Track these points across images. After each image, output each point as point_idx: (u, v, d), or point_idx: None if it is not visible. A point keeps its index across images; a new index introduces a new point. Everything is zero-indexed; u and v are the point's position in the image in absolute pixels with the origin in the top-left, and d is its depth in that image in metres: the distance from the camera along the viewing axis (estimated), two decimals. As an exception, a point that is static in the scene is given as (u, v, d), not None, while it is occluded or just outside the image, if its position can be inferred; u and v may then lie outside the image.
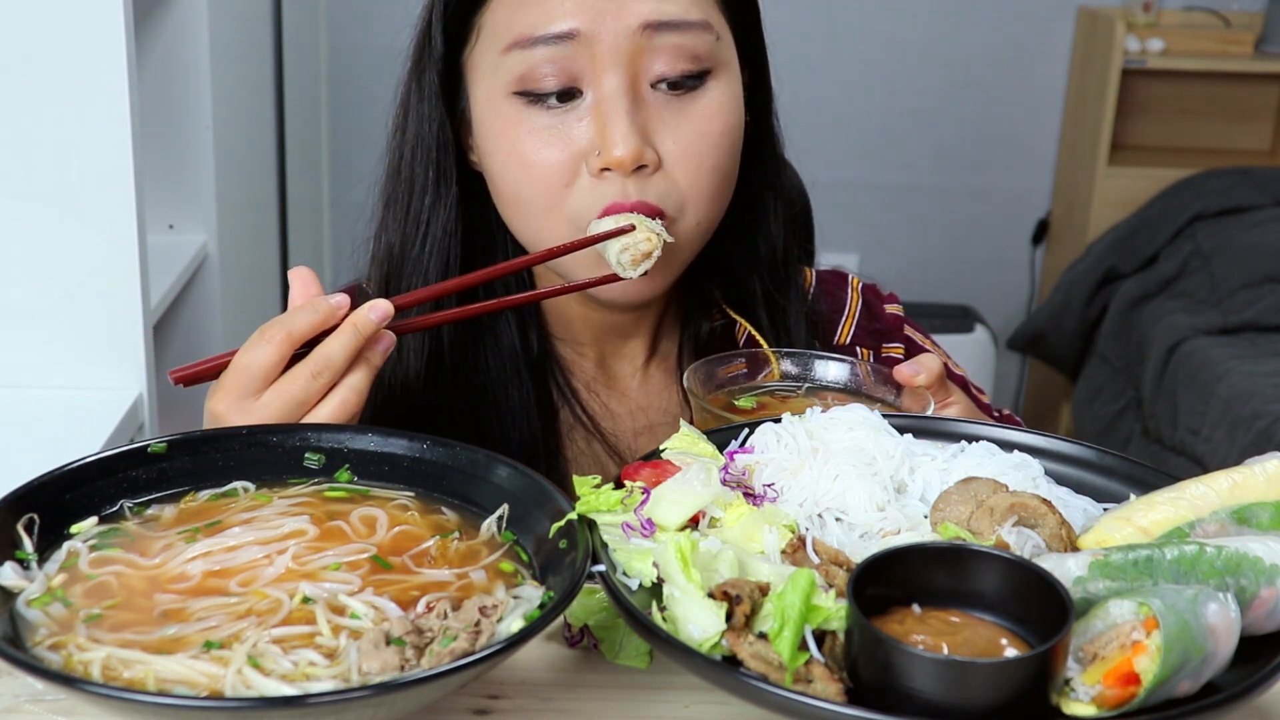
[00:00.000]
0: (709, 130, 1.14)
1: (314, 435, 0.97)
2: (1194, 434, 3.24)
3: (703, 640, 0.76)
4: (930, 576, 0.77)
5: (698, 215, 1.16)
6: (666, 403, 1.30)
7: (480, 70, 1.17)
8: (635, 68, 1.11)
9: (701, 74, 1.14)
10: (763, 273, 1.29)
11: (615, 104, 1.10)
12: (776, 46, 1.27)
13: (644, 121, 1.12)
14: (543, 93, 1.12)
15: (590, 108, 1.12)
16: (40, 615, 0.80)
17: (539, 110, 1.12)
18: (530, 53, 1.11)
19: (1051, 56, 4.09)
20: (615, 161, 1.10)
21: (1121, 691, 0.71)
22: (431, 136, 1.20)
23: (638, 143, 1.10)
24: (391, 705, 0.73)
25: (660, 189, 1.13)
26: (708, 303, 1.30)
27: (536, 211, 1.15)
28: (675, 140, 1.13)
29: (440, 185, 1.21)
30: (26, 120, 1.75)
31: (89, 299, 1.82)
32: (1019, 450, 0.98)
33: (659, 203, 1.13)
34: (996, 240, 4.24)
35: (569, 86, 1.12)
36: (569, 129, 1.12)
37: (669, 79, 1.12)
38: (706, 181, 1.15)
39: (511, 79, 1.13)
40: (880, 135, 4.10)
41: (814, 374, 1.17)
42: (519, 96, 1.13)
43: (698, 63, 1.13)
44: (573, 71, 1.11)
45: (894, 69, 4.05)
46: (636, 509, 0.87)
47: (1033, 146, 4.18)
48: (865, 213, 4.11)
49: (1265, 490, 0.86)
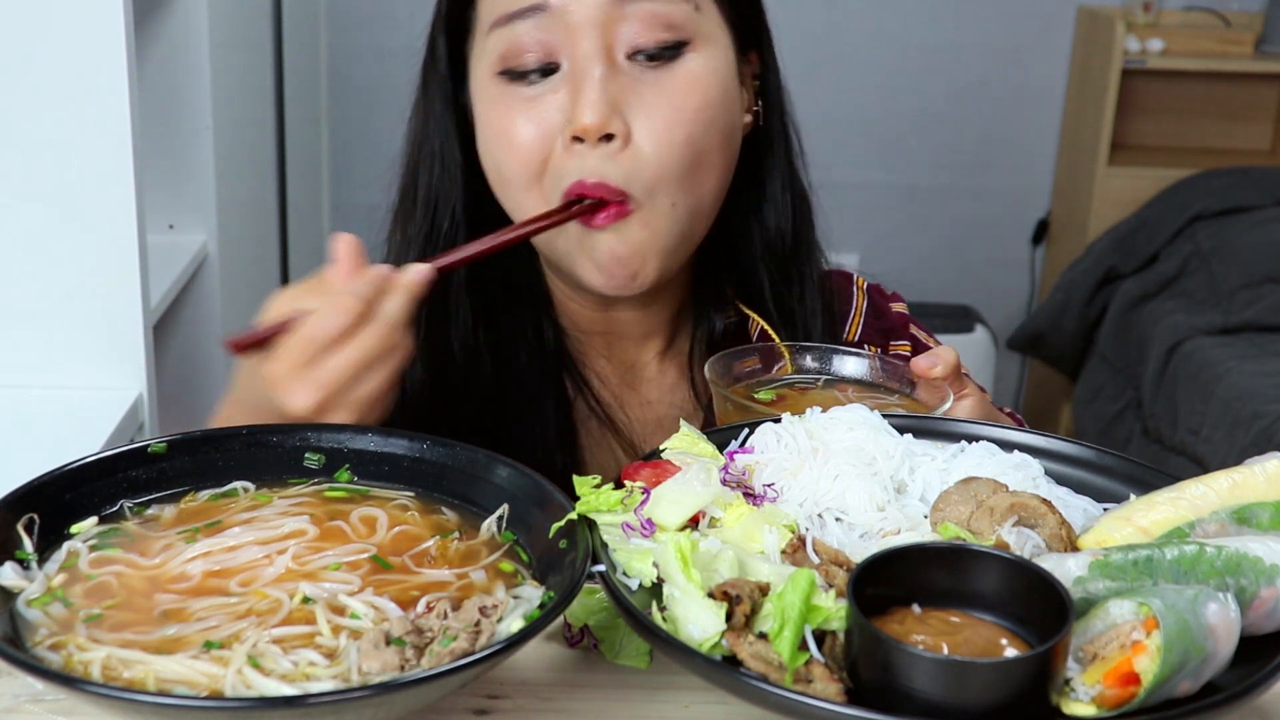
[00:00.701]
0: (683, 103, 1.11)
1: (314, 435, 0.97)
2: (1194, 434, 3.24)
3: (703, 640, 0.76)
4: (930, 576, 0.77)
5: (671, 196, 1.13)
6: (680, 398, 1.30)
7: (473, 57, 1.18)
8: (609, 37, 1.10)
9: (678, 45, 1.12)
10: (769, 266, 1.28)
11: (586, 72, 1.10)
12: (775, 46, 1.26)
13: (616, 92, 1.10)
14: (523, 69, 1.12)
15: (565, 79, 1.12)
16: (40, 615, 0.80)
17: (521, 86, 1.13)
18: (509, 29, 1.12)
19: (1051, 56, 4.09)
20: (582, 129, 1.09)
21: (1121, 691, 0.71)
22: (438, 137, 1.23)
23: (606, 110, 1.09)
24: (391, 705, 0.73)
25: (627, 167, 1.10)
26: (721, 298, 1.30)
27: (518, 189, 1.15)
28: (647, 113, 1.11)
29: (444, 183, 1.24)
30: (26, 120, 1.75)
31: (89, 299, 1.82)
32: (1019, 450, 0.98)
33: (623, 183, 1.10)
34: (996, 240, 4.24)
35: (547, 62, 1.12)
36: (545, 102, 1.12)
37: (644, 49, 1.11)
38: (678, 158, 1.11)
39: (495, 59, 1.14)
40: (880, 135, 4.10)
41: (832, 367, 1.17)
42: (502, 76, 1.14)
43: (673, 32, 1.11)
44: (550, 45, 1.11)
45: (894, 69, 4.05)
46: (636, 509, 0.87)
47: (1033, 146, 4.18)
48: (865, 213, 4.11)
49: (1265, 490, 0.86)
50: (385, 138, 1.27)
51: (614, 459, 1.26)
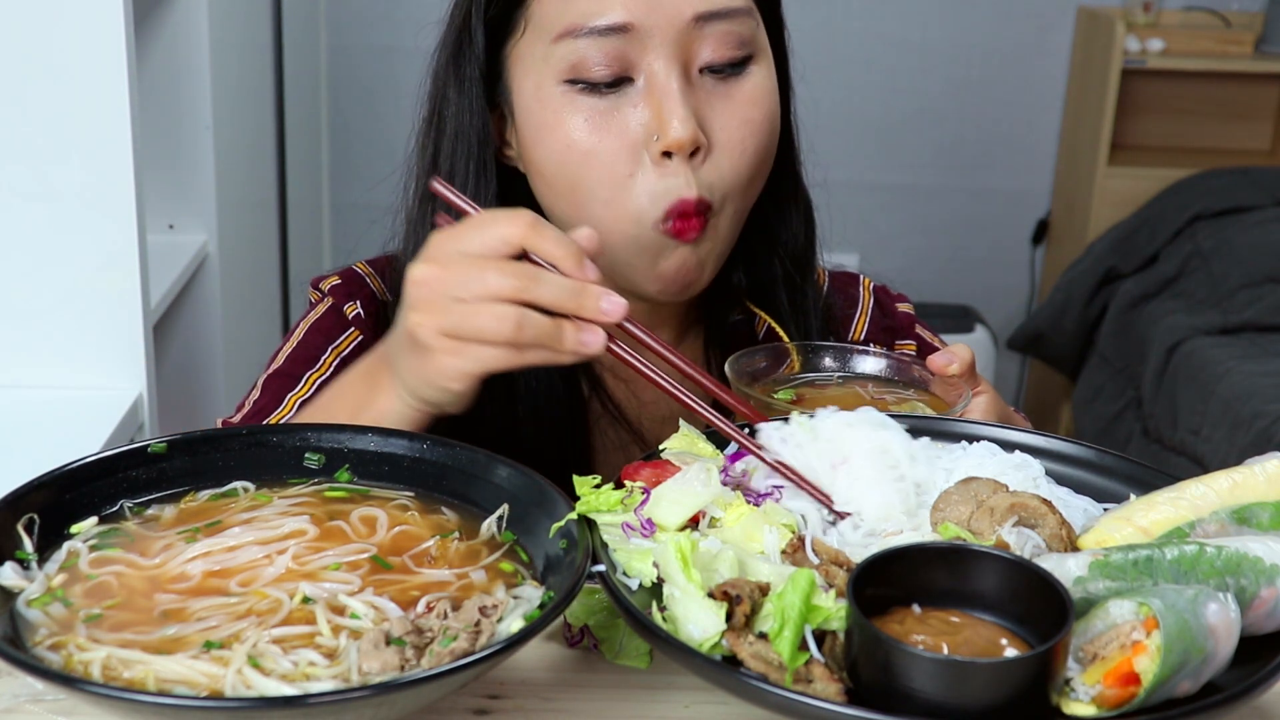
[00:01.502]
0: (753, 114, 1.15)
1: (314, 435, 0.97)
2: (1194, 434, 3.24)
3: (703, 640, 0.76)
4: (930, 577, 0.77)
5: (735, 204, 1.17)
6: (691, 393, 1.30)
7: (527, 61, 1.17)
8: (686, 55, 1.13)
9: (745, 60, 1.15)
10: (785, 264, 1.30)
11: (669, 87, 1.12)
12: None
13: (695, 105, 1.13)
14: (594, 81, 1.12)
15: (642, 93, 1.12)
16: (40, 615, 0.80)
17: (591, 97, 1.13)
18: (581, 42, 1.12)
19: (1051, 56, 4.09)
20: (675, 144, 1.10)
21: (1121, 691, 0.71)
22: (474, 130, 1.20)
23: (694, 124, 1.11)
24: (391, 705, 0.73)
25: (710, 178, 1.13)
26: (731, 294, 1.30)
27: (597, 202, 1.14)
28: (722, 125, 1.14)
29: (481, 179, 1.21)
30: (27, 120, 1.75)
31: (89, 299, 1.82)
32: (1019, 450, 0.98)
33: (709, 194, 1.13)
34: (996, 240, 4.24)
35: (621, 75, 1.12)
36: (623, 114, 1.13)
37: (715, 65, 1.14)
38: (748, 167, 1.16)
39: (563, 68, 1.13)
40: (880, 135, 4.10)
41: (850, 365, 1.18)
42: (569, 85, 1.13)
43: (743, 48, 1.15)
44: (626, 60, 1.12)
45: (894, 69, 4.05)
46: (636, 509, 0.87)
47: (1033, 146, 4.18)
48: (865, 213, 4.10)
49: (1265, 490, 0.86)
50: (385, 138, 1.26)
51: (625, 457, 1.26)
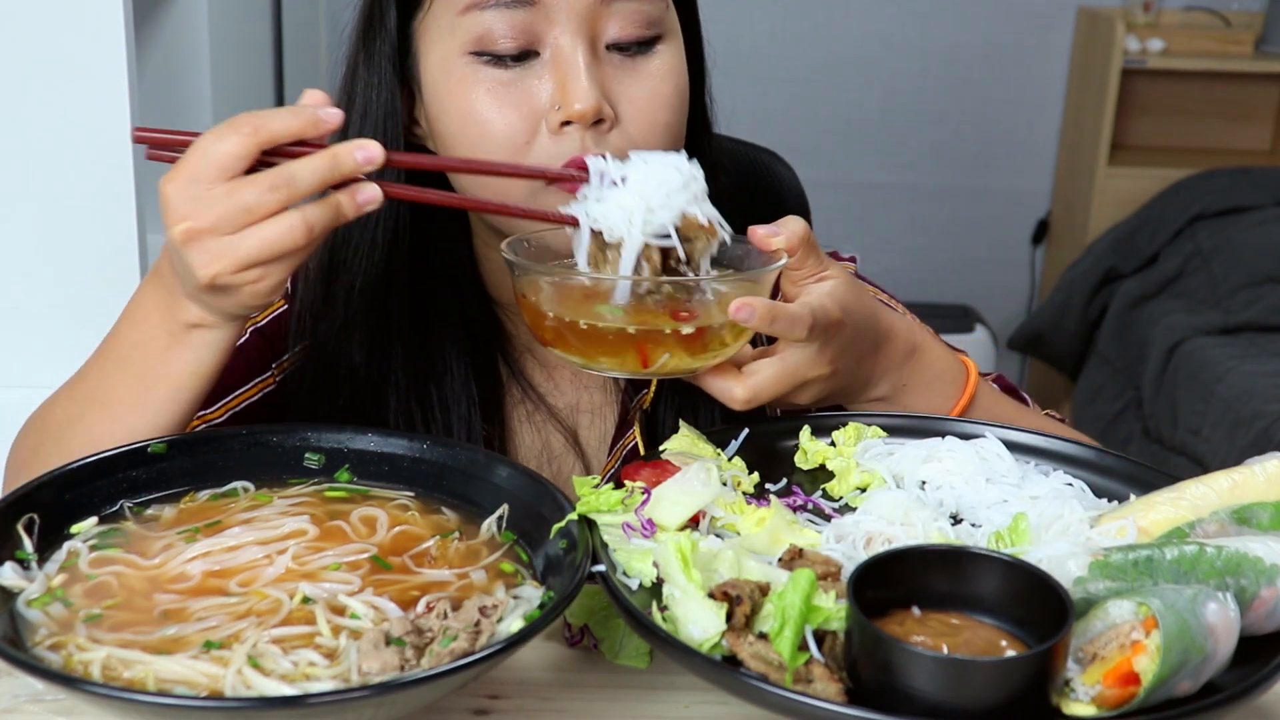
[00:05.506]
0: (662, 90, 1.16)
1: (314, 435, 0.97)
2: (1194, 434, 3.23)
3: (703, 640, 0.76)
4: (930, 579, 0.77)
5: None
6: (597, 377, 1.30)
7: (434, 34, 1.18)
8: (593, 30, 1.14)
9: (653, 40, 1.16)
10: None
11: (574, 60, 1.12)
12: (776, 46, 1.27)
13: (601, 80, 1.14)
14: (499, 53, 1.13)
15: (548, 65, 1.14)
16: (40, 615, 0.80)
17: (496, 69, 1.14)
18: (488, 14, 1.13)
19: (1051, 56, 4.09)
20: (577, 114, 1.11)
21: (1121, 691, 0.71)
22: (380, 106, 1.21)
23: (598, 96, 1.12)
24: (391, 705, 0.73)
25: (617, 144, 1.13)
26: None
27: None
28: (630, 99, 1.15)
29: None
30: (27, 120, 1.75)
31: (89, 299, 1.82)
32: (1020, 450, 0.99)
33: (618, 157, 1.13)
34: (996, 240, 4.24)
35: (526, 48, 1.13)
36: (527, 87, 1.14)
37: (622, 42, 1.15)
38: (659, 140, 1.16)
39: (468, 39, 1.14)
40: (880, 135, 4.10)
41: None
42: (475, 56, 1.14)
43: (651, 28, 1.16)
44: (531, 33, 1.13)
45: (894, 69, 4.04)
46: (637, 509, 0.87)
47: (1033, 146, 4.18)
48: (865, 213, 4.11)
49: (1265, 490, 0.86)
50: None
51: (542, 438, 1.26)
